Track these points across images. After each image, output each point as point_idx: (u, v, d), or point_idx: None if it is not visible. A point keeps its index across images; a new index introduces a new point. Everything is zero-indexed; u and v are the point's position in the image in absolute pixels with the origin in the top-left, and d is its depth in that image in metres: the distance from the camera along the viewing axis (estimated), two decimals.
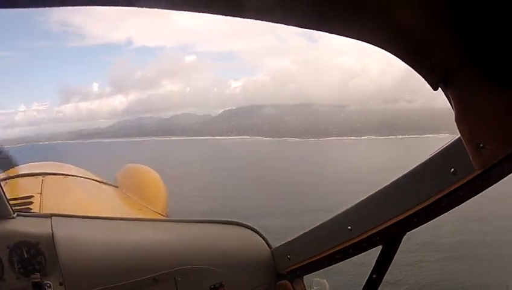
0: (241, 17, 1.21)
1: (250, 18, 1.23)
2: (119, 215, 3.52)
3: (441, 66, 1.43)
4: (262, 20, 1.28)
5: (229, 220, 3.48)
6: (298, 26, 1.33)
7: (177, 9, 1.25)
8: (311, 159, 61.31)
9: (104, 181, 5.40)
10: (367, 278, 2.57)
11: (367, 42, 1.40)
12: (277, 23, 1.28)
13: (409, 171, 2.17)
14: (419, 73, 1.47)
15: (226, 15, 1.23)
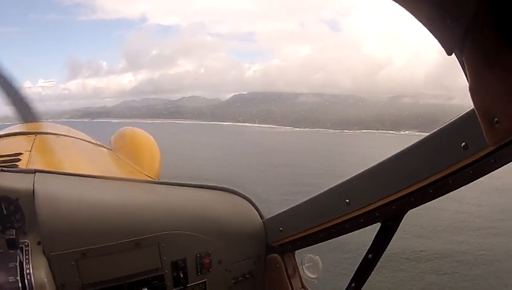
0: None
1: None
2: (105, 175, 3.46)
3: (457, 28, 1.41)
4: None
5: (222, 186, 3.42)
6: None
7: None
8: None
9: (98, 143, 5.45)
10: (362, 257, 2.54)
11: None
12: None
13: (416, 143, 2.11)
14: (434, 35, 1.47)
15: None
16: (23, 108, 5.23)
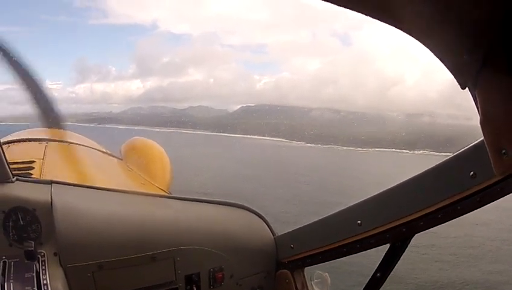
0: None
1: None
2: (121, 188, 3.55)
3: (472, 64, 1.52)
4: None
5: (234, 202, 3.55)
6: (331, 2, 1.39)
7: None
8: None
9: (109, 152, 5.60)
10: (370, 276, 2.65)
11: (403, 30, 1.50)
12: None
13: (427, 170, 2.24)
14: (449, 69, 1.57)
15: None
16: (49, 111, 5.17)
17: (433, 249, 25.87)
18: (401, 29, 1.48)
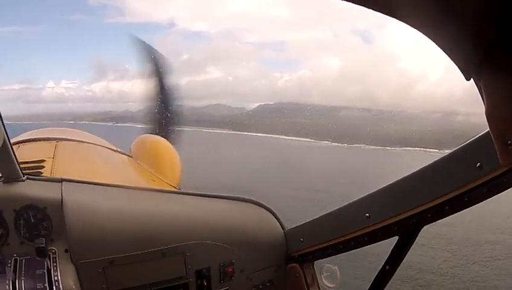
0: None
1: None
2: (131, 185, 3.60)
3: (474, 56, 1.54)
4: None
5: (244, 197, 3.56)
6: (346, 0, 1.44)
7: None
8: None
9: (119, 150, 5.61)
10: (380, 269, 2.66)
11: (407, 24, 1.53)
12: None
13: (434, 162, 2.27)
14: (453, 61, 1.60)
15: None
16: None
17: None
18: (405, 23, 1.49)
